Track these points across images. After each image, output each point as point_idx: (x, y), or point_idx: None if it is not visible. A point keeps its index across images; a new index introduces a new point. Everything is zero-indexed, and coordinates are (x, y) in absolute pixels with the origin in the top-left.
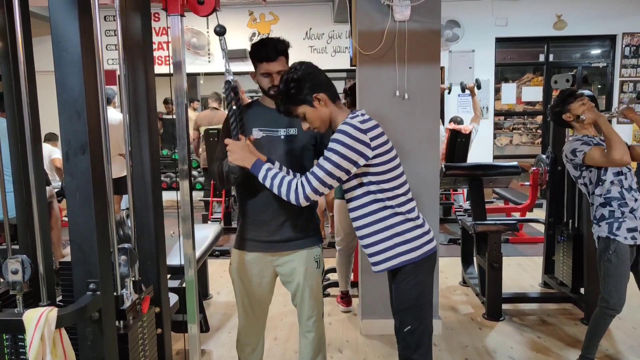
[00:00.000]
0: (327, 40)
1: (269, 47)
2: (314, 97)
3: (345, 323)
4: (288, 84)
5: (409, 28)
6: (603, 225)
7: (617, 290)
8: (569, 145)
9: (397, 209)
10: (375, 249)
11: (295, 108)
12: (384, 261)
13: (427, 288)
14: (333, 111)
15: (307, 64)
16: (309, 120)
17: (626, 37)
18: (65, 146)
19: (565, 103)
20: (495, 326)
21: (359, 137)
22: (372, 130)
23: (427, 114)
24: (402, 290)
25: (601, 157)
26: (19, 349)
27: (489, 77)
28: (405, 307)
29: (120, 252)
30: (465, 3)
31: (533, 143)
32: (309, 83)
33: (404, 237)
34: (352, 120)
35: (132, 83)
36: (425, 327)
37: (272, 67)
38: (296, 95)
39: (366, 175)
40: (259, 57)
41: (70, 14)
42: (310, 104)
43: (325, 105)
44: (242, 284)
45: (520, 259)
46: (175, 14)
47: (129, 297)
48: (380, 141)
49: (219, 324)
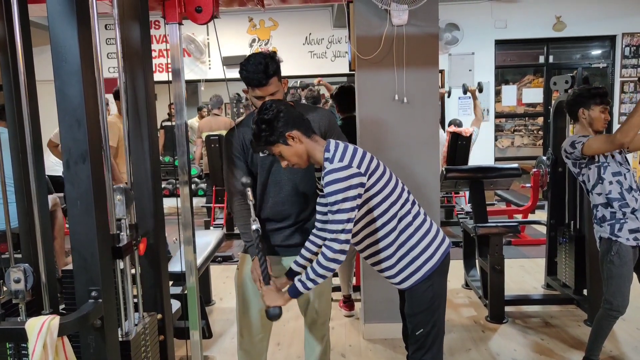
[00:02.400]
0: (326, 45)
1: (259, 72)
2: (287, 135)
3: (348, 327)
4: (259, 125)
5: (407, 32)
6: (605, 226)
7: (620, 292)
8: (568, 140)
9: (407, 219)
10: (394, 270)
11: (270, 148)
12: (407, 278)
13: (441, 290)
14: (309, 146)
15: (277, 104)
16: (286, 157)
17: (626, 37)
18: (66, 155)
19: (592, 101)
20: (498, 329)
21: (348, 174)
22: (354, 159)
23: (426, 117)
24: (416, 294)
25: (599, 142)
26: (21, 358)
27: (489, 80)
28: (420, 310)
29: (116, 191)
30: (464, 6)
31: (534, 145)
32: (281, 122)
33: (420, 248)
34: (333, 164)
35: (132, 91)
36: (438, 329)
37: (264, 91)
38: (269, 136)
39: (372, 199)
40: (251, 84)
41: (69, 24)
42: (285, 143)
43: (300, 142)
44: (252, 291)
45: (522, 260)
46: (174, 22)
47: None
48: (366, 162)
49: (222, 330)
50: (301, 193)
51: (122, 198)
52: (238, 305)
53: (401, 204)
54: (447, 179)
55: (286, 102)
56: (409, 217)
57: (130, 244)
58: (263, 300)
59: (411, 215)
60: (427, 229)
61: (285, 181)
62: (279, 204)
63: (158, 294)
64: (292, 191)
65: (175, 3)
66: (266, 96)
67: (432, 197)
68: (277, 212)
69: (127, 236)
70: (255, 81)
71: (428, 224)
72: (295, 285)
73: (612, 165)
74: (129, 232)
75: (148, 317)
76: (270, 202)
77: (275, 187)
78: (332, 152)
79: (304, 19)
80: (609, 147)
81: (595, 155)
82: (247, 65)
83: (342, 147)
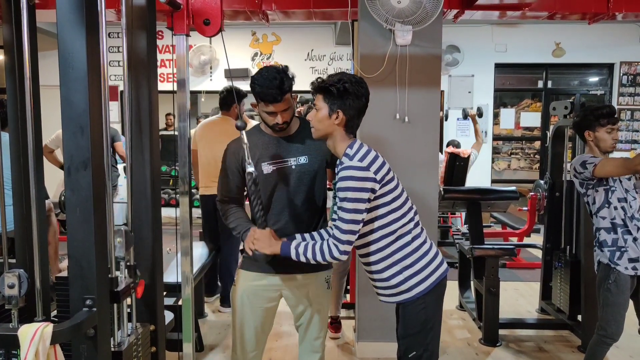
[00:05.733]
0: (328, 62)
1: (273, 88)
2: (337, 110)
3: (340, 347)
4: (339, 83)
5: (410, 52)
6: (605, 251)
7: (615, 320)
8: (578, 158)
9: (405, 238)
10: (383, 284)
11: (320, 98)
12: (397, 294)
13: (435, 313)
14: (338, 135)
15: (366, 88)
16: (317, 117)
17: (624, 66)
18: (68, 161)
19: (597, 122)
20: (492, 352)
21: (364, 175)
22: (374, 163)
23: (427, 137)
24: (409, 315)
25: (612, 166)
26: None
27: (488, 102)
28: (412, 332)
29: (117, 234)
30: (465, 28)
31: (531, 168)
32: (349, 99)
33: (414, 269)
34: (352, 161)
35: (136, 101)
36: (431, 352)
37: (278, 107)
38: (331, 94)
39: (377, 209)
40: (265, 99)
41: (78, 31)
42: (330, 109)
43: (337, 124)
44: (248, 307)
45: (517, 284)
46: (181, 34)
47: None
48: (383, 171)
49: (214, 343)
50: (305, 211)
51: (122, 240)
52: (233, 321)
53: (404, 222)
54: (444, 199)
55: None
56: (408, 236)
57: (128, 288)
58: (251, 242)
59: (410, 236)
60: (425, 251)
61: (289, 200)
62: (282, 222)
63: (152, 305)
64: (296, 209)
65: (183, 15)
66: (278, 112)
67: (429, 217)
68: (281, 230)
69: (126, 278)
70: (269, 97)
71: (427, 247)
72: (290, 248)
73: (618, 190)
74: (128, 273)
75: (141, 327)
76: (274, 220)
77: (279, 205)
78: (355, 151)
79: (307, 35)
80: (623, 172)
81: (605, 177)
82: (260, 79)
83: (365, 150)
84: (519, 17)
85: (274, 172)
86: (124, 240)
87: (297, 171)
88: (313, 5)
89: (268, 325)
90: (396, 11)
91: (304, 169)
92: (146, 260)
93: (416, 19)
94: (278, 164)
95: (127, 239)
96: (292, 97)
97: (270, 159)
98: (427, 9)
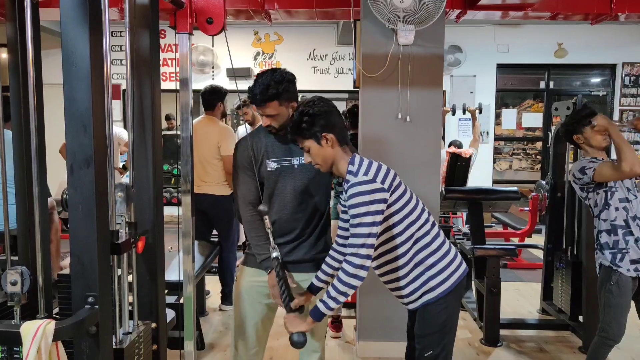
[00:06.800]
0: (330, 62)
1: (258, 94)
2: (323, 135)
3: (341, 346)
4: (302, 116)
5: (413, 52)
6: (606, 253)
7: (616, 321)
8: (577, 164)
9: (425, 239)
10: (408, 289)
11: (302, 140)
12: (420, 297)
13: (454, 314)
14: (338, 154)
15: (326, 102)
16: (312, 155)
17: (626, 67)
18: (71, 159)
19: (580, 124)
20: (492, 352)
21: (372, 188)
22: (379, 173)
23: (429, 136)
24: (429, 315)
25: (611, 170)
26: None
27: (490, 102)
28: (432, 331)
29: (118, 188)
30: (467, 28)
31: (532, 169)
32: (322, 121)
33: (436, 269)
34: (358, 177)
35: (138, 99)
36: (447, 353)
37: (264, 110)
38: (307, 129)
39: (392, 217)
40: (251, 100)
41: (81, 30)
42: (318, 141)
43: (332, 147)
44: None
45: (518, 284)
46: (184, 32)
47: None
48: (390, 178)
49: (215, 341)
50: (305, 210)
51: (123, 195)
52: (235, 318)
53: (420, 224)
54: (446, 199)
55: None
56: (427, 237)
57: (129, 241)
58: (286, 326)
59: (430, 236)
60: (445, 251)
61: (290, 198)
62: (282, 220)
63: (154, 303)
64: (296, 208)
65: (186, 13)
66: (264, 115)
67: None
68: (279, 227)
69: (126, 234)
70: (251, 98)
71: (447, 247)
72: (317, 306)
73: (620, 191)
74: (128, 229)
75: (143, 325)
76: (273, 218)
77: (279, 203)
78: (357, 166)
79: (309, 34)
80: (618, 176)
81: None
82: (255, 80)
83: (367, 162)
84: (521, 18)
85: (277, 169)
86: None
87: (300, 170)
88: (315, 5)
89: (268, 321)
90: (399, 11)
91: (306, 168)
92: (148, 257)
93: (419, 19)
94: (282, 162)
95: (128, 195)
96: (290, 106)
97: (275, 156)
98: (430, 9)
